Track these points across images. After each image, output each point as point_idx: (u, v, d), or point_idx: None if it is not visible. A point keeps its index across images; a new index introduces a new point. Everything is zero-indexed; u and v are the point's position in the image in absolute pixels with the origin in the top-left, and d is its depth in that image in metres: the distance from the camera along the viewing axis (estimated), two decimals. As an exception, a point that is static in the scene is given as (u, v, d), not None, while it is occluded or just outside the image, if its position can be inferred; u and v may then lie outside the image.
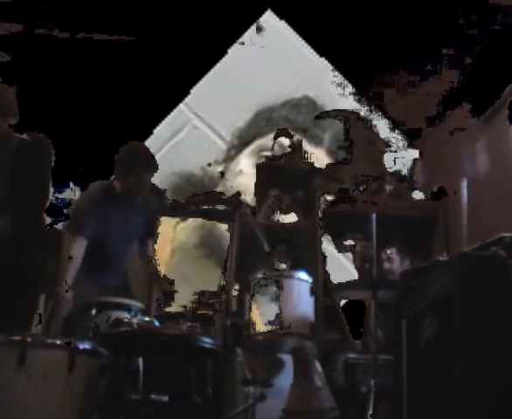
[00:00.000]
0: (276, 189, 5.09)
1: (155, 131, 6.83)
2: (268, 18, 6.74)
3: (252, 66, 6.72)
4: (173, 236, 6.78)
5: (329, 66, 6.69)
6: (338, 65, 6.65)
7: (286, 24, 6.71)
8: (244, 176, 6.91)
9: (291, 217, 5.16)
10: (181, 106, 6.99)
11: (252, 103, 6.91)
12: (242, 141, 7.04)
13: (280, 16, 6.66)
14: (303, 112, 6.82)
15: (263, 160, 6.46)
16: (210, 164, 7.12)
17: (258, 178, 5.36)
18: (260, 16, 6.70)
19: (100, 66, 6.23)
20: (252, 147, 7.03)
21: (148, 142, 6.65)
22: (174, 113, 6.96)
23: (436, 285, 2.67)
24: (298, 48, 6.78)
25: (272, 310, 3.62)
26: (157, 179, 6.83)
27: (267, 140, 6.32)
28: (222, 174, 7.19)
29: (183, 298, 4.56)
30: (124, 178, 4.16)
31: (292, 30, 6.72)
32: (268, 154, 6.04)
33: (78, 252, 3.97)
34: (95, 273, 4.04)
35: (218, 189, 6.91)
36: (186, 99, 6.96)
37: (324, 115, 6.80)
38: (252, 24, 6.70)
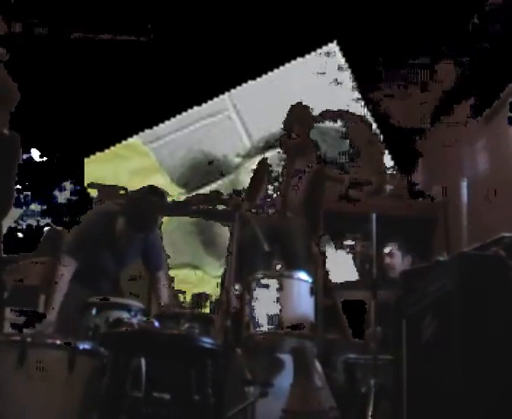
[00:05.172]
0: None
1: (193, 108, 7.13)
2: (332, 48, 6.95)
3: (299, 85, 6.92)
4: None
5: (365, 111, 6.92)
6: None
7: (344, 60, 6.92)
8: (254, 176, 7.25)
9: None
10: (225, 94, 7.23)
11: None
12: (267, 146, 7.25)
13: (343, 52, 6.89)
14: (328, 141, 7.07)
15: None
16: (210, 162, 7.23)
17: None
18: (326, 44, 6.92)
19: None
20: (274, 153, 7.26)
21: (183, 116, 7.05)
22: (215, 99, 7.23)
23: (436, 284, 2.67)
24: (347, 86, 7.00)
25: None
26: (180, 152, 7.23)
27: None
28: (222, 174, 7.33)
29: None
30: (124, 222, 4.07)
31: (347, 68, 6.93)
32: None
33: (67, 275, 3.91)
34: (87, 284, 4.02)
35: (230, 179, 7.22)
36: (232, 91, 7.22)
37: (324, 115, 6.80)
38: (315, 48, 6.90)
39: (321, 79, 6.93)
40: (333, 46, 6.89)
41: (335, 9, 5.96)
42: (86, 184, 6.97)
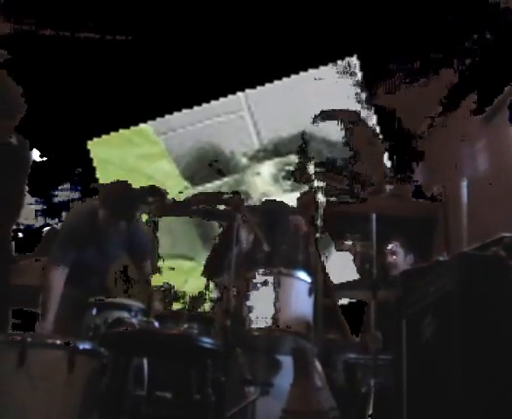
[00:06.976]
0: None
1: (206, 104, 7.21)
2: (352, 62, 6.98)
3: (315, 95, 7.01)
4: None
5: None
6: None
7: (361, 76, 6.96)
8: (259, 179, 7.33)
9: None
10: (240, 94, 7.26)
11: (301, 124, 7.19)
12: (276, 150, 7.38)
13: (361, 67, 6.92)
14: (335, 152, 7.14)
15: (283, 173, 6.97)
16: (210, 164, 7.26)
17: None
18: (347, 57, 6.94)
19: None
20: (283, 159, 7.39)
21: (196, 111, 7.17)
22: (231, 97, 7.27)
23: (436, 284, 2.67)
24: (360, 102, 7.04)
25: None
26: (189, 143, 7.32)
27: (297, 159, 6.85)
28: (220, 171, 7.38)
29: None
30: (104, 212, 4.08)
31: (363, 83, 6.98)
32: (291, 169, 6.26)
33: (59, 282, 3.88)
34: (76, 284, 4.00)
35: (236, 179, 7.28)
36: (248, 91, 7.24)
37: (324, 115, 6.81)
38: (336, 59, 6.94)
39: (337, 91, 6.97)
40: (352, 60, 6.93)
41: (356, 24, 6.02)
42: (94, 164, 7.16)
